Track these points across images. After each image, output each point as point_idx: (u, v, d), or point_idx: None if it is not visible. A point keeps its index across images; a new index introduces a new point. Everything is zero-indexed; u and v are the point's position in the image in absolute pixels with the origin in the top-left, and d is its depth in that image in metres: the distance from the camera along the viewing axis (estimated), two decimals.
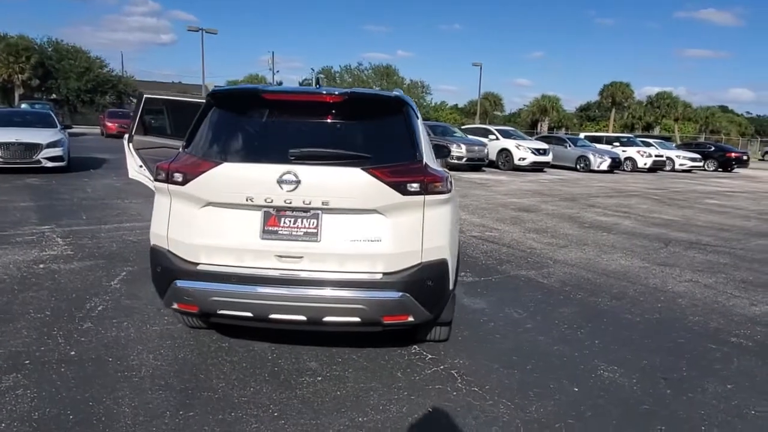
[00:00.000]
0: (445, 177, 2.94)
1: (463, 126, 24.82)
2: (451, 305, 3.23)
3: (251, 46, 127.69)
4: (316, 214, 2.80)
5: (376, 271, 2.81)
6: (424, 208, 2.84)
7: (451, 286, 3.10)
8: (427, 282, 2.86)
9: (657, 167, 22.77)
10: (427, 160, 3.00)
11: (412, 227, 2.83)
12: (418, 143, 2.98)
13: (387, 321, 2.85)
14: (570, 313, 4.36)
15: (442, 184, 2.89)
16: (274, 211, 2.81)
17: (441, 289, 2.98)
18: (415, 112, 3.16)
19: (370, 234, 2.79)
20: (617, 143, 23.53)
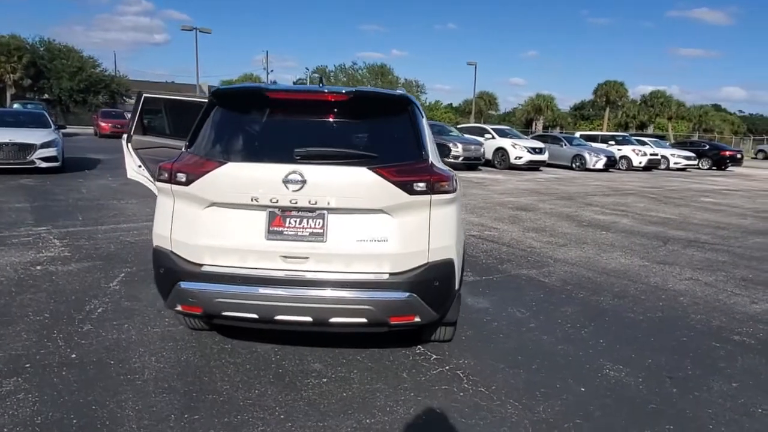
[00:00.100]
0: (451, 176, 2.92)
1: (459, 125, 24.82)
2: (456, 305, 3.21)
3: (245, 46, 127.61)
4: (322, 214, 2.77)
5: (383, 271, 2.78)
6: (431, 207, 2.82)
7: (456, 286, 3.08)
8: (433, 282, 2.84)
9: (652, 166, 22.88)
10: (433, 159, 2.98)
11: (419, 227, 2.81)
12: (424, 142, 2.96)
13: (394, 321, 2.83)
14: (572, 312, 4.35)
15: (448, 184, 2.87)
16: (279, 212, 2.78)
17: (447, 289, 2.96)
18: (420, 111, 3.14)
19: (376, 234, 2.77)
20: (612, 142, 23.61)
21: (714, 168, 25.95)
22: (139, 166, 4.66)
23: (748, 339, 3.93)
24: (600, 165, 20.35)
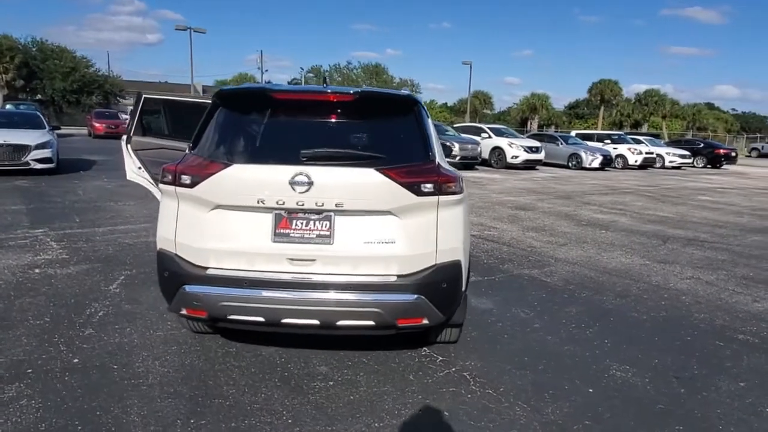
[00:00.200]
0: (458, 177, 2.90)
1: (456, 124, 24.81)
2: (463, 306, 3.19)
3: (239, 46, 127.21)
4: (329, 215, 2.74)
5: (391, 273, 2.76)
6: (438, 208, 2.80)
7: (463, 288, 3.06)
8: (441, 284, 2.81)
9: (647, 164, 22.96)
10: (440, 160, 2.96)
11: (426, 228, 2.79)
12: (430, 143, 2.94)
13: (401, 324, 2.80)
14: (576, 312, 4.34)
15: (455, 185, 2.85)
16: (286, 214, 2.75)
17: (455, 291, 2.94)
18: (425, 111, 3.12)
19: (383, 236, 2.74)
20: (608, 141, 23.67)
21: (709, 166, 26.08)
22: (139, 168, 4.61)
23: (752, 338, 3.93)
24: (596, 164, 20.40)
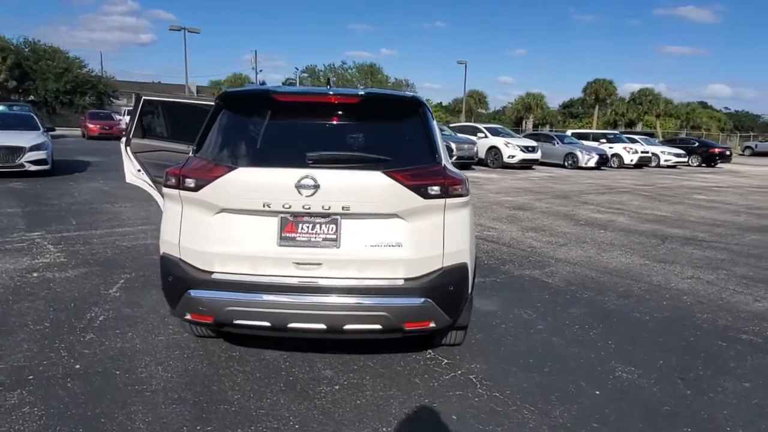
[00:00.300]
0: (463, 179, 2.89)
1: (452, 124, 24.82)
2: (468, 309, 3.18)
3: (233, 46, 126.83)
4: (336, 219, 2.72)
5: (398, 276, 2.74)
6: (445, 211, 2.78)
7: (469, 290, 3.05)
8: (448, 287, 2.80)
9: (643, 163, 23.03)
10: (445, 162, 2.94)
11: (433, 231, 2.77)
12: (436, 145, 2.92)
13: (408, 327, 2.78)
14: (579, 313, 4.33)
15: (461, 187, 2.83)
16: (292, 217, 2.72)
17: (461, 294, 2.92)
18: (430, 113, 3.10)
19: (390, 239, 2.72)
20: (604, 140, 23.74)
21: (704, 165, 26.19)
22: (139, 170, 4.56)
23: (755, 338, 3.94)
24: (592, 163, 20.46)
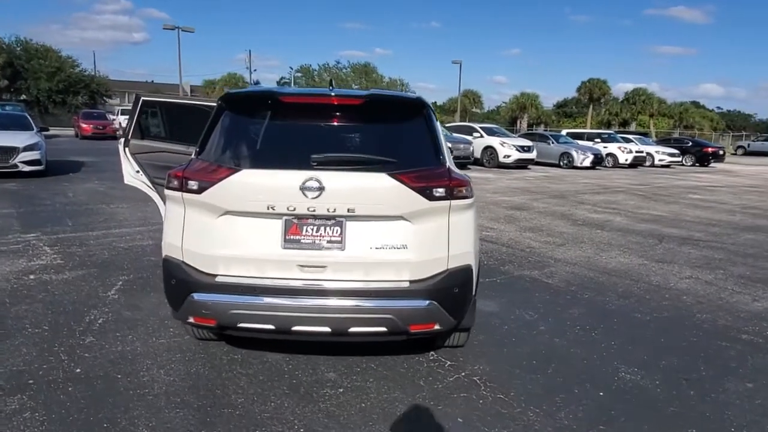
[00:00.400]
0: (468, 181, 2.87)
1: (447, 124, 24.81)
2: (472, 311, 3.17)
3: (227, 45, 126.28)
4: (340, 221, 2.70)
5: (403, 279, 2.73)
6: (450, 213, 2.77)
7: (473, 292, 3.04)
8: (453, 289, 2.79)
9: (637, 163, 23.11)
10: (450, 163, 2.93)
11: (438, 233, 2.76)
12: (440, 146, 2.91)
13: (414, 330, 2.77)
14: (580, 313, 4.34)
15: (466, 189, 2.82)
16: (296, 220, 2.70)
17: (466, 296, 2.91)
18: (434, 114, 3.08)
19: (395, 241, 2.71)
20: (598, 139, 23.81)
21: (697, 164, 26.33)
22: (137, 171, 4.52)
23: (755, 338, 3.95)
24: (587, 163, 20.52)
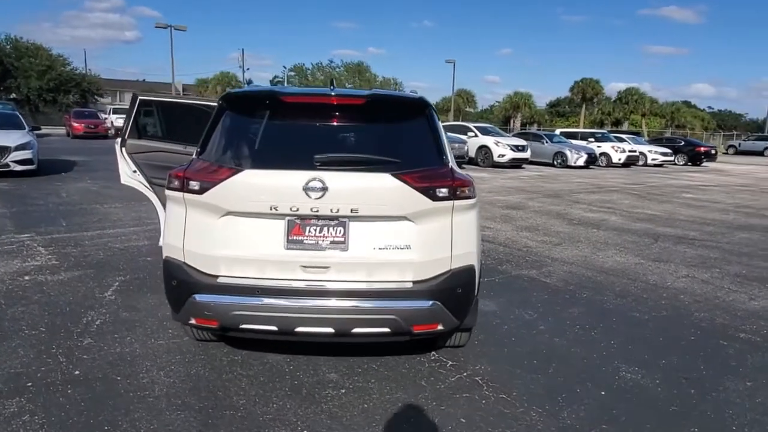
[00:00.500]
0: (471, 181, 2.87)
1: (441, 123, 24.83)
2: (474, 311, 3.16)
3: (219, 44, 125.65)
4: (344, 222, 2.68)
5: (406, 279, 2.72)
6: (453, 213, 2.76)
7: (475, 292, 3.04)
8: (456, 289, 2.78)
9: (630, 162, 23.22)
10: (452, 163, 2.92)
11: (442, 234, 2.75)
12: (443, 146, 2.91)
13: (417, 330, 2.76)
14: (579, 313, 4.35)
15: (469, 189, 2.82)
16: (299, 220, 2.68)
17: (469, 296, 2.91)
18: (436, 114, 3.07)
19: (398, 241, 2.70)
20: (592, 139, 23.91)
21: (689, 164, 26.51)
22: (134, 171, 4.48)
23: (753, 336, 3.98)
24: (581, 162, 20.59)
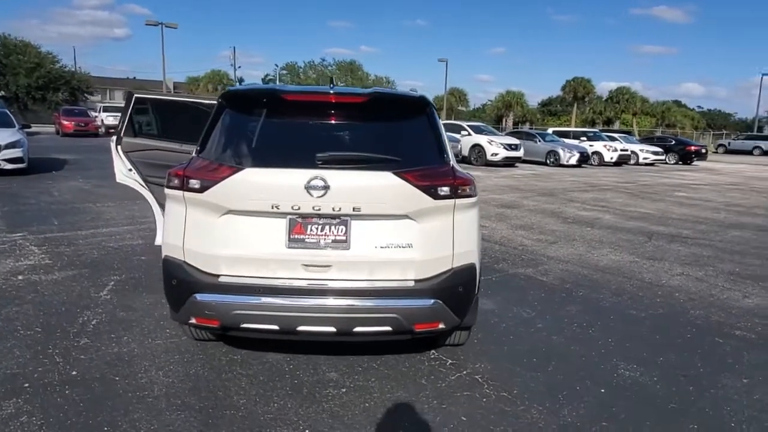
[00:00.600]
0: (471, 179, 2.87)
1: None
2: (474, 309, 3.17)
3: (211, 41, 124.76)
4: (345, 220, 2.68)
5: (408, 278, 2.72)
6: (454, 212, 2.76)
7: (476, 291, 3.04)
8: (458, 288, 2.79)
9: (622, 161, 23.37)
10: (453, 162, 2.92)
11: (443, 232, 2.75)
12: (444, 145, 2.90)
13: (419, 329, 2.76)
14: (576, 311, 4.37)
15: (470, 188, 2.82)
16: (301, 219, 2.67)
17: (470, 294, 2.91)
18: (437, 113, 3.07)
19: (400, 240, 2.69)
20: (584, 138, 24.05)
21: (680, 162, 26.72)
22: (130, 170, 4.44)
23: (748, 334, 4.02)
24: (573, 161, 20.69)
